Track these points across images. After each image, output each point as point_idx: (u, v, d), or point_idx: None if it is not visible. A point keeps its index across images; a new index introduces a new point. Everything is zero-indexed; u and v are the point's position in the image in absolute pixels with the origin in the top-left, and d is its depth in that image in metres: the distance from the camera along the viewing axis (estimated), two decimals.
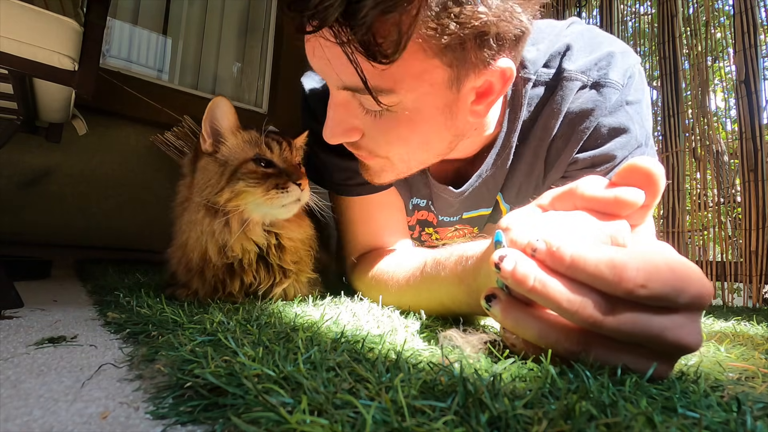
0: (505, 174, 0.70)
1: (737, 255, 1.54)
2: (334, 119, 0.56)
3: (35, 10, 0.77)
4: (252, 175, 0.63)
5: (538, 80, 0.65)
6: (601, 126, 0.62)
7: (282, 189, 0.62)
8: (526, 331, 0.33)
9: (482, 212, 0.77)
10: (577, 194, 0.34)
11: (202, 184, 0.63)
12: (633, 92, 0.62)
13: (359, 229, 0.77)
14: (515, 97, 0.65)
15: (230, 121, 0.66)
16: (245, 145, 0.65)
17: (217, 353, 0.32)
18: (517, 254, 0.32)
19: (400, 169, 0.62)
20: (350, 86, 0.50)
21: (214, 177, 0.63)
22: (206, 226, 0.63)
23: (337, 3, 0.40)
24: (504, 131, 0.67)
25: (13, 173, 1.65)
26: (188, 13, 2.37)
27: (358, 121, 0.56)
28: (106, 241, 1.86)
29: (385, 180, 0.64)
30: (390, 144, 0.57)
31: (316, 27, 0.43)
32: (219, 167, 0.63)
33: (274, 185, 0.62)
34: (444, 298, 0.53)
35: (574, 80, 0.62)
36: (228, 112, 0.65)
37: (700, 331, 0.29)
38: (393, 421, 0.21)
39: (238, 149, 0.65)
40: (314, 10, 0.41)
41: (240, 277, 0.65)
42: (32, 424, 0.25)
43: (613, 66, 0.61)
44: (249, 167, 0.63)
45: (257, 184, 0.62)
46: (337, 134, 0.57)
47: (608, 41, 0.65)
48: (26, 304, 0.60)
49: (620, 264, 0.28)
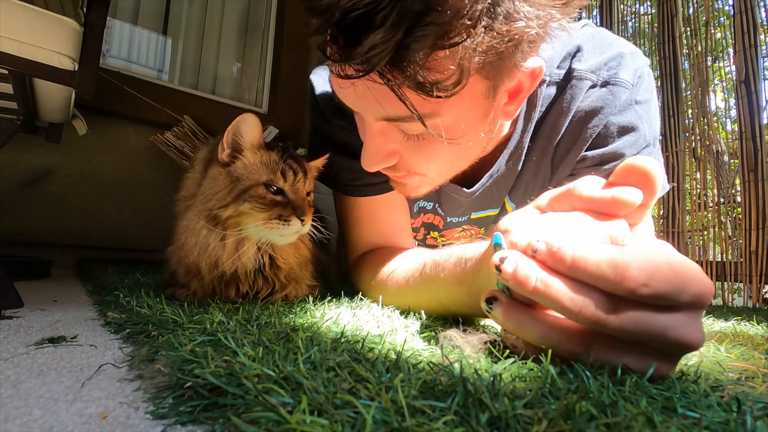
0: (516, 174, 0.70)
1: (737, 255, 1.54)
2: (372, 148, 0.54)
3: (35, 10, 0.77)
4: (260, 199, 0.62)
5: (549, 80, 0.65)
6: (611, 124, 0.62)
7: (284, 221, 0.62)
8: (528, 332, 0.33)
9: (490, 212, 0.77)
10: (575, 195, 0.34)
11: (209, 193, 0.63)
12: (642, 92, 0.62)
13: (363, 228, 0.77)
14: (530, 98, 0.65)
15: (253, 139, 0.65)
16: (261, 166, 0.64)
17: (217, 353, 0.32)
18: (517, 256, 0.31)
19: (438, 181, 0.62)
20: (393, 117, 0.49)
21: (223, 191, 0.62)
22: (202, 238, 0.62)
23: (388, 49, 0.38)
24: (518, 131, 0.66)
25: (13, 173, 1.65)
26: (188, 13, 2.37)
27: (397, 145, 0.55)
28: (106, 241, 1.86)
29: (421, 193, 0.64)
30: (430, 162, 0.56)
31: (362, 72, 0.41)
32: (230, 182, 0.63)
33: (277, 215, 0.62)
34: (444, 299, 0.53)
35: (584, 79, 0.62)
36: (254, 130, 0.64)
37: (701, 330, 0.29)
38: (393, 421, 0.21)
39: (253, 169, 0.64)
40: (363, 58, 0.39)
41: (236, 285, 0.65)
42: (32, 424, 0.25)
43: (623, 66, 0.61)
44: (259, 191, 0.62)
45: (262, 209, 0.62)
46: (377, 161, 0.55)
47: (618, 43, 0.65)
48: (26, 304, 0.60)
49: (622, 263, 0.28)
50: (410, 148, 0.54)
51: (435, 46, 0.39)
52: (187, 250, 0.64)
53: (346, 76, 0.43)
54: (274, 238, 0.64)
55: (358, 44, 0.38)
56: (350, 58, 0.40)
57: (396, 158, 0.56)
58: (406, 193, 0.64)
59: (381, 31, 0.37)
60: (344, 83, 0.47)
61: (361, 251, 0.77)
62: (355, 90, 0.47)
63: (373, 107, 0.48)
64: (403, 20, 0.37)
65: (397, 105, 0.45)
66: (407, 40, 0.38)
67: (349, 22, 0.38)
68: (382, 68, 0.40)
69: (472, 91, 0.47)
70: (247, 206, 0.61)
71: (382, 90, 0.44)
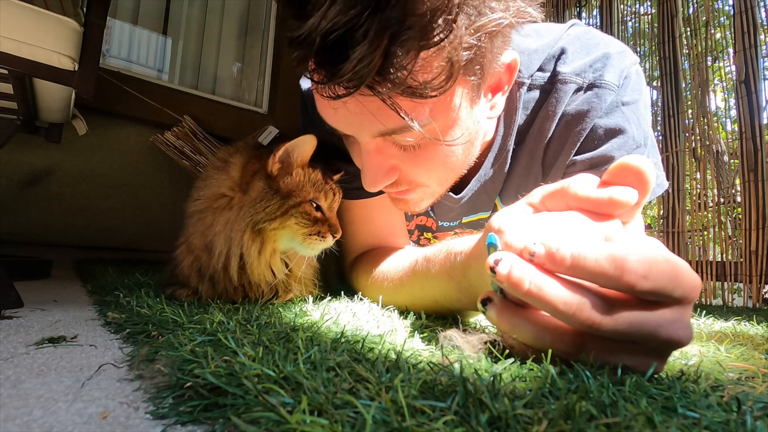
0: (504, 178, 0.71)
1: (737, 255, 1.55)
2: (372, 167, 0.54)
3: (35, 10, 0.77)
4: (305, 216, 0.65)
5: (533, 84, 0.65)
6: (598, 127, 0.62)
7: (322, 237, 0.66)
8: (522, 333, 0.33)
9: (482, 216, 0.77)
10: (570, 193, 0.34)
11: (258, 207, 0.64)
12: (629, 93, 0.62)
13: (358, 229, 0.77)
14: (510, 101, 0.66)
15: (305, 158, 0.67)
16: (309, 185, 0.67)
17: (217, 353, 0.32)
18: (512, 258, 0.31)
19: (439, 190, 0.61)
20: (388, 130, 0.49)
21: (274, 206, 0.64)
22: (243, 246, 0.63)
23: (375, 60, 0.38)
24: (500, 135, 0.67)
25: (13, 173, 1.65)
26: (188, 13, 2.37)
27: (395, 161, 0.55)
28: (106, 241, 1.86)
29: (423, 208, 0.64)
30: (430, 171, 0.56)
31: (351, 88, 0.41)
32: (280, 198, 0.64)
33: (317, 231, 0.66)
34: (437, 295, 0.53)
35: (569, 83, 0.62)
36: (309, 150, 0.66)
37: (690, 326, 0.30)
38: (393, 421, 0.21)
39: (299, 186, 0.66)
40: (348, 76, 0.39)
41: (244, 289, 0.66)
42: (32, 424, 0.25)
43: (609, 67, 0.61)
44: (305, 208, 0.65)
45: (305, 225, 0.65)
46: (379, 180, 0.55)
47: (604, 42, 0.65)
48: (26, 304, 0.60)
49: (620, 257, 0.28)
50: (409, 161, 0.54)
51: (420, 48, 0.39)
52: (216, 253, 0.64)
53: (337, 96, 0.43)
54: (304, 251, 0.67)
55: (345, 61, 0.39)
56: (339, 76, 0.40)
57: (396, 174, 0.56)
58: (410, 210, 0.64)
59: (365, 44, 0.38)
60: (336, 104, 0.47)
61: (357, 253, 0.78)
62: (347, 109, 0.47)
63: (367, 124, 0.48)
64: (385, 29, 0.38)
65: (391, 116, 0.45)
66: (392, 47, 0.38)
67: (331, 43, 0.39)
68: (372, 80, 0.40)
69: (459, 91, 0.48)
70: (293, 221, 0.64)
71: (374, 103, 0.44)
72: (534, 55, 0.66)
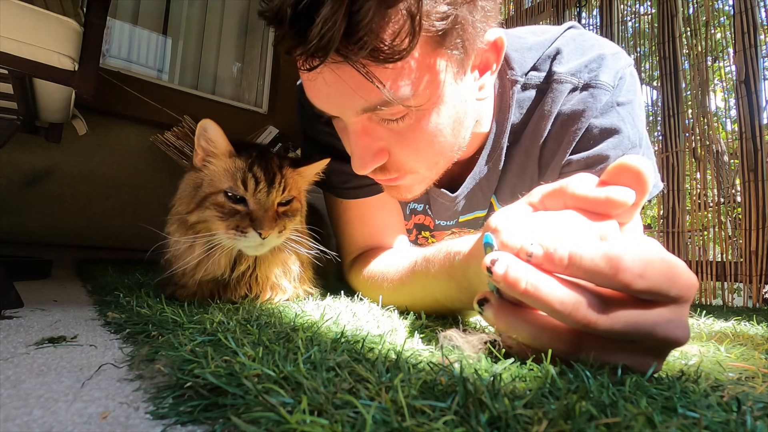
0: (498, 176, 0.71)
1: (737, 255, 1.54)
2: (359, 148, 0.54)
3: (35, 10, 0.77)
4: (219, 208, 0.61)
5: (528, 83, 0.66)
6: (593, 127, 0.62)
7: (241, 232, 0.59)
8: (519, 333, 0.33)
9: (477, 214, 0.78)
10: (568, 193, 0.34)
11: (179, 197, 0.63)
12: (624, 93, 0.63)
13: (356, 230, 0.77)
14: (503, 99, 0.66)
15: (221, 145, 0.63)
16: (224, 173, 0.62)
17: (217, 353, 0.32)
18: (508, 257, 0.31)
19: (430, 176, 0.61)
20: (370, 105, 0.49)
21: (188, 196, 0.62)
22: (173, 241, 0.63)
23: (339, 20, 0.40)
24: (494, 132, 0.68)
25: (13, 173, 1.66)
26: (188, 13, 2.37)
27: (383, 143, 0.55)
28: (106, 241, 1.86)
29: (416, 194, 0.63)
30: (419, 153, 0.56)
31: (322, 56, 0.43)
32: (194, 188, 0.62)
33: (234, 226, 0.59)
34: (437, 295, 0.53)
35: (565, 83, 0.63)
36: (218, 136, 0.62)
37: (687, 325, 0.30)
38: (393, 421, 0.21)
39: (216, 176, 0.63)
40: (317, 41, 0.41)
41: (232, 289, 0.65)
42: (32, 424, 0.25)
43: (604, 68, 0.62)
44: (218, 199, 0.61)
45: (221, 218, 0.60)
46: (368, 161, 0.55)
47: (599, 44, 0.65)
48: (26, 304, 0.60)
49: (615, 256, 0.28)
50: (397, 143, 0.55)
51: (380, 4, 0.41)
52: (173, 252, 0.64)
53: (313, 67, 0.44)
54: (243, 249, 0.62)
55: (312, 24, 0.41)
56: (308, 42, 0.41)
57: (385, 156, 0.56)
58: (402, 197, 0.64)
59: (328, 5, 0.40)
60: (317, 82, 0.48)
61: (356, 253, 0.77)
62: (326, 83, 0.48)
63: (348, 101, 0.49)
64: None
65: (370, 89, 0.46)
66: (354, 6, 0.40)
67: (300, 12, 0.41)
68: (340, 45, 0.42)
69: (442, 65, 0.48)
70: (209, 213, 0.60)
71: (353, 78, 0.45)
72: (528, 53, 0.66)
